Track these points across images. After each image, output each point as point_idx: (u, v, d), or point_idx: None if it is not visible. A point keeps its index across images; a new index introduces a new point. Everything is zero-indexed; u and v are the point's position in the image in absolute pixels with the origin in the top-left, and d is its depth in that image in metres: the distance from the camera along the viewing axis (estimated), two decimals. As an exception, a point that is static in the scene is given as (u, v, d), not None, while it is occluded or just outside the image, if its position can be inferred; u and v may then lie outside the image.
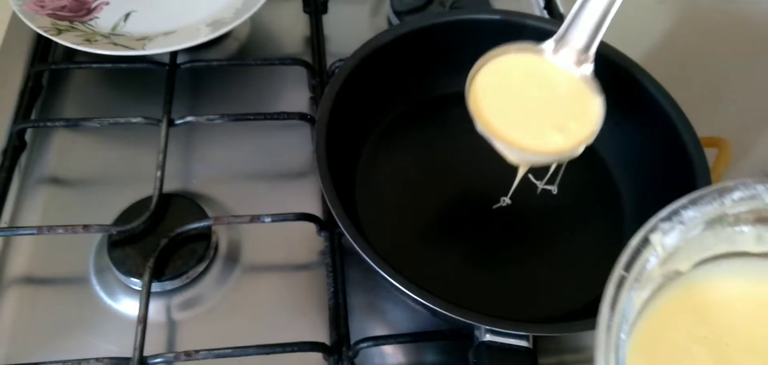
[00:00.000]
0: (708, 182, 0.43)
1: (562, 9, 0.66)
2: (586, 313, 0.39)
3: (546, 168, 0.51)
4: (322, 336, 0.43)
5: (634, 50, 1.00)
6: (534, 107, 0.43)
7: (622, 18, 0.98)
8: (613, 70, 0.50)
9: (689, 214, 0.30)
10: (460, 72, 0.54)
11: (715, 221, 0.31)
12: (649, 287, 0.31)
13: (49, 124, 0.52)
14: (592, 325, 0.36)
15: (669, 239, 0.30)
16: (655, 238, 0.30)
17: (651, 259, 0.30)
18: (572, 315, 0.42)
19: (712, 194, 0.30)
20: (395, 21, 0.62)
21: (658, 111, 0.48)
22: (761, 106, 1.12)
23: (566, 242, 0.48)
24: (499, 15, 0.53)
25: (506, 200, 0.49)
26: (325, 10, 0.63)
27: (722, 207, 0.30)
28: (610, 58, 0.50)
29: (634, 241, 0.30)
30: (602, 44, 0.50)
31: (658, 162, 0.48)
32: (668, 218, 0.30)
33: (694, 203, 0.30)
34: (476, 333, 0.36)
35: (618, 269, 0.29)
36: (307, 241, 0.48)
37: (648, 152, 0.49)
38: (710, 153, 0.81)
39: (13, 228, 0.46)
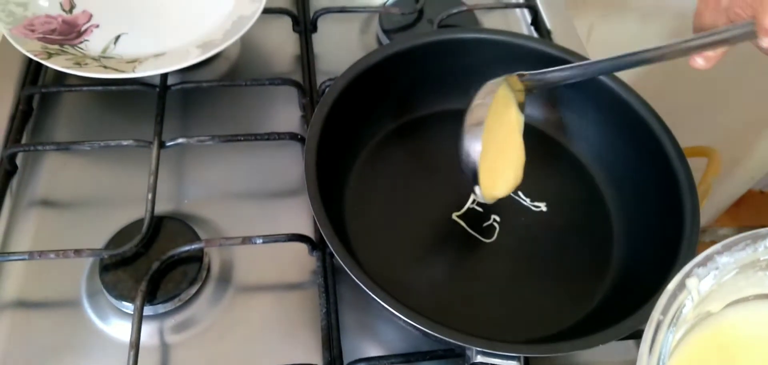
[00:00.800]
0: (694, 197, 0.44)
1: (549, 25, 0.66)
2: (576, 332, 0.40)
3: (536, 185, 0.51)
4: (315, 356, 0.43)
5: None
6: (497, 146, 0.45)
7: (613, 33, 0.99)
8: (598, 88, 0.51)
9: (724, 260, 0.31)
10: (448, 90, 0.55)
11: (748, 266, 0.32)
12: (682, 328, 0.32)
13: (40, 147, 0.52)
14: (581, 345, 0.37)
15: (704, 284, 0.31)
16: (691, 283, 0.31)
17: (687, 303, 0.30)
18: (563, 334, 0.43)
19: (746, 241, 0.32)
20: (384, 39, 0.63)
21: (643, 127, 0.48)
22: (750, 115, 1.13)
23: (556, 259, 0.48)
24: (486, 34, 0.54)
25: (496, 219, 0.49)
26: (314, 28, 0.63)
27: (755, 253, 0.32)
28: (595, 76, 0.51)
29: (671, 286, 0.31)
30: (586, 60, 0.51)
31: (644, 177, 0.49)
32: (703, 263, 0.31)
33: (728, 249, 0.31)
34: (467, 353, 0.36)
35: (656, 314, 0.30)
36: (299, 261, 0.48)
37: (634, 167, 0.50)
38: (700, 162, 0.82)
39: (4, 254, 0.46)
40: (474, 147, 0.42)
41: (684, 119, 1.12)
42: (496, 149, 0.45)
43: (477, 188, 0.43)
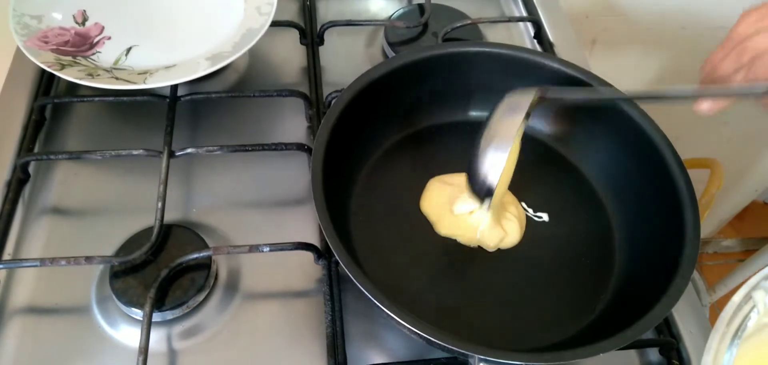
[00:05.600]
0: (695, 208, 0.44)
1: (552, 39, 0.67)
2: (578, 342, 0.40)
3: (538, 197, 0.52)
4: (321, 363, 0.44)
5: (629, 73, 1.02)
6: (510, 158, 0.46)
7: (615, 48, 1.00)
8: (600, 102, 0.52)
9: None
10: (452, 102, 0.56)
11: None
12: (743, 337, 0.32)
13: (52, 156, 0.53)
14: (582, 354, 0.37)
15: None
16: (758, 296, 0.31)
17: (752, 316, 0.30)
18: (564, 343, 0.43)
19: None
20: (389, 52, 0.64)
21: (644, 139, 0.49)
22: (754, 127, 1.14)
23: (558, 269, 0.49)
24: (490, 47, 0.54)
25: (499, 229, 0.50)
26: (321, 41, 0.64)
27: None
28: (596, 87, 0.52)
29: (737, 298, 0.31)
30: (589, 74, 0.52)
31: (646, 189, 0.49)
32: None
33: None
34: (470, 361, 0.37)
35: (721, 325, 0.30)
36: (305, 269, 0.49)
37: (636, 179, 0.50)
38: (703, 174, 0.82)
39: (16, 260, 0.47)
40: (498, 161, 0.42)
41: (688, 131, 1.13)
42: (509, 161, 0.45)
43: (488, 201, 0.44)
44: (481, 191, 0.44)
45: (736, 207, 1.33)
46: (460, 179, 0.51)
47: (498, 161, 0.43)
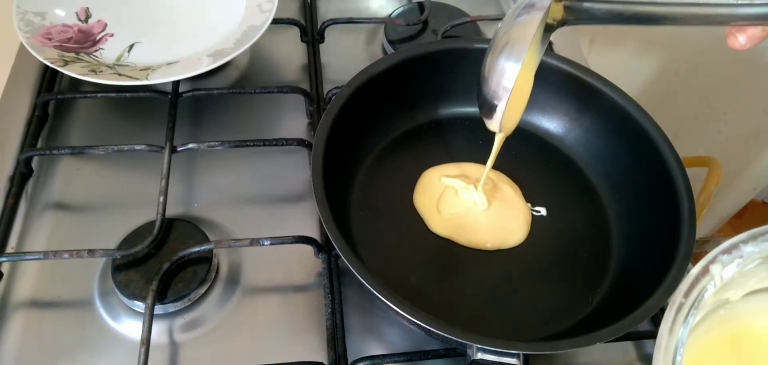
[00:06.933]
0: (691, 203, 0.45)
1: (550, 36, 0.67)
2: (575, 332, 0.41)
3: (536, 191, 0.52)
4: (321, 355, 0.44)
5: (628, 71, 1.02)
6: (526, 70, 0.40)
7: (614, 46, 1.00)
8: (599, 98, 0.52)
9: (748, 249, 0.32)
10: (451, 98, 0.56)
11: None
12: (701, 313, 0.33)
13: (55, 152, 0.53)
14: (579, 343, 0.38)
15: (727, 271, 0.32)
16: (714, 269, 0.32)
17: (709, 288, 0.31)
18: (561, 336, 0.43)
19: None
20: (389, 49, 0.64)
21: (642, 135, 0.49)
22: (753, 126, 1.14)
23: (555, 263, 0.49)
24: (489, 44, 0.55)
25: (497, 223, 0.50)
26: (322, 39, 0.65)
27: None
28: (594, 84, 0.52)
29: (695, 270, 0.32)
30: (588, 71, 0.53)
31: (643, 184, 0.50)
32: (728, 251, 0.32)
33: (754, 238, 0.32)
34: (469, 351, 0.37)
35: (678, 296, 0.31)
36: (305, 263, 0.49)
37: (634, 174, 0.51)
38: (701, 172, 0.83)
39: (20, 253, 0.48)
40: (511, 66, 0.35)
41: (687, 130, 1.13)
42: (523, 78, 0.37)
43: (497, 114, 0.36)
44: (489, 113, 0.37)
45: (735, 206, 1.33)
46: (454, 169, 0.51)
47: (509, 73, 0.35)
